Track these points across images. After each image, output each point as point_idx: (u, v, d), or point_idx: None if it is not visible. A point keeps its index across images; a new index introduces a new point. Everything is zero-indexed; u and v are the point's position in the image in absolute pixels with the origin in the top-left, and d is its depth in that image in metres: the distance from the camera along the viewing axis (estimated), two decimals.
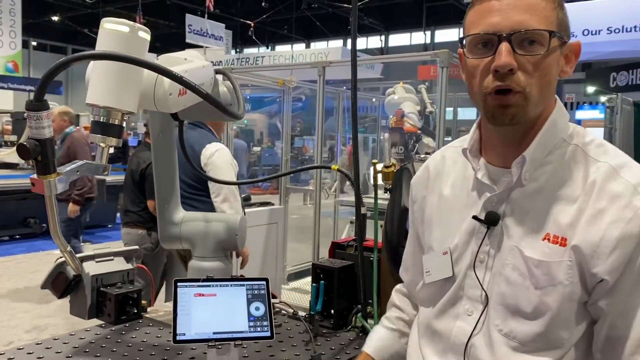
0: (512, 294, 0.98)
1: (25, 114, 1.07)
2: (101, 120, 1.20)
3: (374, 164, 1.80)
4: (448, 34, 28.49)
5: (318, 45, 26.45)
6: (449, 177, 1.13)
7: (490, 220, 1.00)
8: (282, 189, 4.77)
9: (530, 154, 0.98)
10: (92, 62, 1.23)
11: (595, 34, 9.85)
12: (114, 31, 1.18)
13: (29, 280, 5.77)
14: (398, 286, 1.40)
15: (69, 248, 1.27)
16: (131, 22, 1.19)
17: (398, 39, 29.46)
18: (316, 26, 23.88)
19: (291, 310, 1.91)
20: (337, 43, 27.26)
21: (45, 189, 1.12)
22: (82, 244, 5.73)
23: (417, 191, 1.21)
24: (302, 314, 1.86)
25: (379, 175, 1.77)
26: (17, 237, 8.04)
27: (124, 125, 1.24)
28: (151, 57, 1.75)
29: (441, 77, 3.44)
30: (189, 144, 2.86)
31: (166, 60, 1.46)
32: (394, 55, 15.31)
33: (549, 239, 0.95)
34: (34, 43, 27.90)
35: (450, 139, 8.07)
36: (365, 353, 1.28)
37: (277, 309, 1.95)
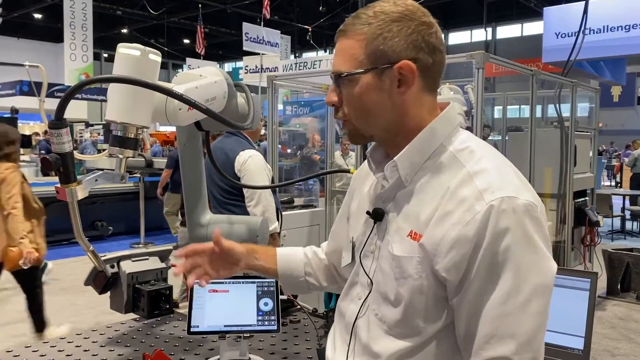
0: (383, 282, 1.09)
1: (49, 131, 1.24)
2: (118, 135, 1.35)
3: None
4: (510, 30, 27.77)
5: None
6: (372, 175, 1.23)
7: (375, 215, 1.12)
8: (328, 192, 4.88)
9: (399, 158, 1.08)
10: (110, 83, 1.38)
11: None
12: (126, 55, 1.32)
13: None
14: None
15: (91, 248, 1.43)
16: (142, 47, 1.33)
17: (458, 37, 29.00)
18: None
19: (311, 308, 2.02)
20: None
21: (67, 196, 1.28)
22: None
23: (354, 184, 1.33)
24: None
25: None
26: (86, 239, 8.53)
27: (140, 137, 1.39)
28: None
29: (477, 79, 3.45)
30: (224, 151, 3.03)
31: (183, 77, 1.60)
32: None
33: (411, 236, 1.04)
34: (105, 55, 29.42)
35: (499, 137, 7.87)
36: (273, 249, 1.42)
37: (299, 307, 2.06)
